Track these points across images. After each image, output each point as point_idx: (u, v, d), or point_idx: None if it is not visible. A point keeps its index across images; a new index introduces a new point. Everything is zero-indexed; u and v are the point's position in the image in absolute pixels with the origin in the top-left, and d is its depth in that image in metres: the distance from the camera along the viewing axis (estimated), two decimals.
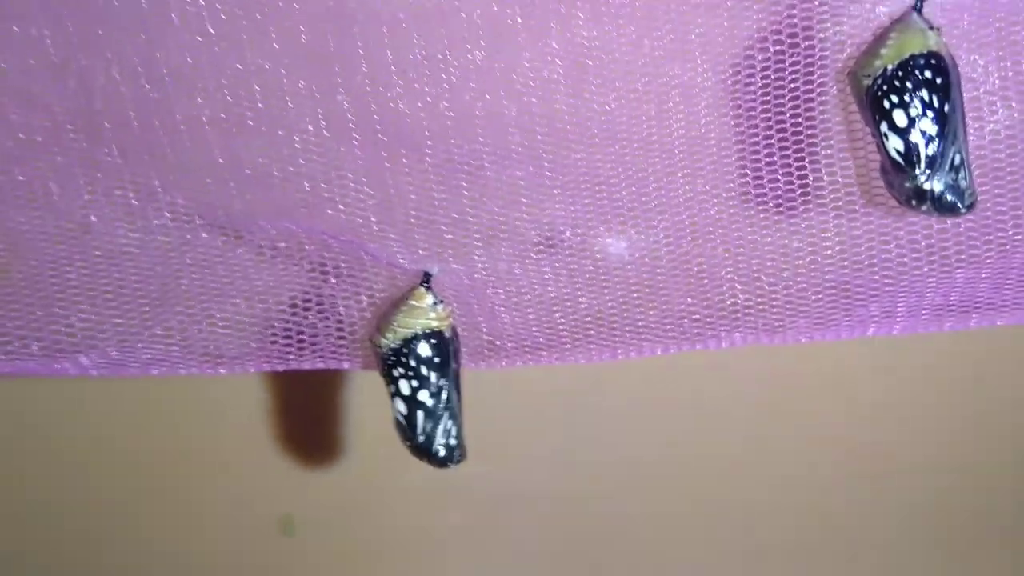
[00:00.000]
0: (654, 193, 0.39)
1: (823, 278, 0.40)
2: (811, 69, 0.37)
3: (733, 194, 0.39)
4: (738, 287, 0.41)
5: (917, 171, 0.35)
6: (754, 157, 0.39)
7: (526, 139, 0.39)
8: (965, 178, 0.35)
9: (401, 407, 0.40)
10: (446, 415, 0.40)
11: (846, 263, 0.40)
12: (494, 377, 0.44)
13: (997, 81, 0.37)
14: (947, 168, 0.35)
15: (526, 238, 0.41)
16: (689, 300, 0.41)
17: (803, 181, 0.39)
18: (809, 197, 0.39)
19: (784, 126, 0.38)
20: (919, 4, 0.35)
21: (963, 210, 0.35)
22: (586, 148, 0.39)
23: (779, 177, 0.39)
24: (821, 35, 0.37)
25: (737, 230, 0.40)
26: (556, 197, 0.40)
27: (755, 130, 0.38)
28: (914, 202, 0.35)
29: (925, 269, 0.40)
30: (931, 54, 0.35)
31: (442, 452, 0.40)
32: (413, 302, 0.41)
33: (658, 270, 0.41)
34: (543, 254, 0.41)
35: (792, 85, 0.37)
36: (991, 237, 0.39)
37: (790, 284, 0.41)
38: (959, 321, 0.41)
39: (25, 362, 0.40)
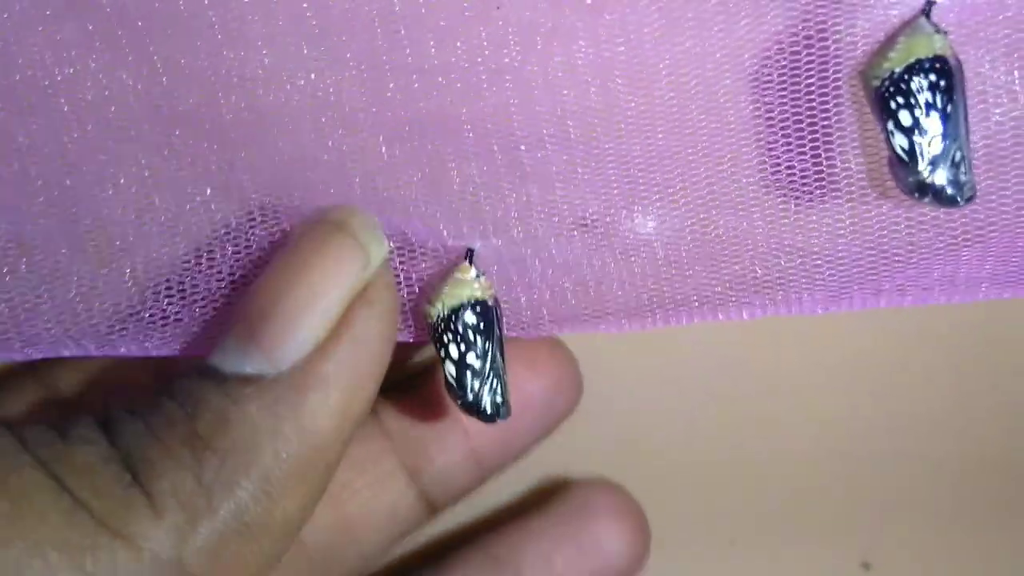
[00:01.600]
0: (678, 180, 0.42)
1: (837, 256, 0.43)
2: (825, 67, 0.39)
3: (752, 180, 0.42)
4: (757, 263, 0.44)
5: (920, 167, 0.37)
6: (771, 147, 0.41)
7: (558, 130, 0.42)
8: (965, 173, 0.38)
9: (451, 369, 0.44)
10: (492, 375, 0.44)
11: (858, 242, 0.43)
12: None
13: (1003, 76, 0.39)
14: (948, 164, 0.37)
15: (560, 217, 0.44)
16: (711, 274, 0.45)
17: (818, 168, 0.42)
18: (824, 183, 0.42)
19: (800, 119, 0.41)
20: (928, 8, 0.38)
21: (962, 203, 0.38)
22: (614, 138, 0.42)
23: (795, 164, 0.42)
24: (835, 36, 0.39)
25: (756, 211, 0.43)
26: (587, 181, 0.43)
27: (772, 123, 0.41)
28: (917, 195, 0.38)
29: (934, 246, 0.43)
30: (936, 58, 0.37)
31: (490, 409, 0.44)
32: (458, 275, 0.45)
33: (682, 247, 0.44)
34: (576, 231, 0.44)
35: (808, 82, 0.40)
36: (995, 220, 0.42)
37: (806, 260, 0.44)
38: (967, 294, 0.44)
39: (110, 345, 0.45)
